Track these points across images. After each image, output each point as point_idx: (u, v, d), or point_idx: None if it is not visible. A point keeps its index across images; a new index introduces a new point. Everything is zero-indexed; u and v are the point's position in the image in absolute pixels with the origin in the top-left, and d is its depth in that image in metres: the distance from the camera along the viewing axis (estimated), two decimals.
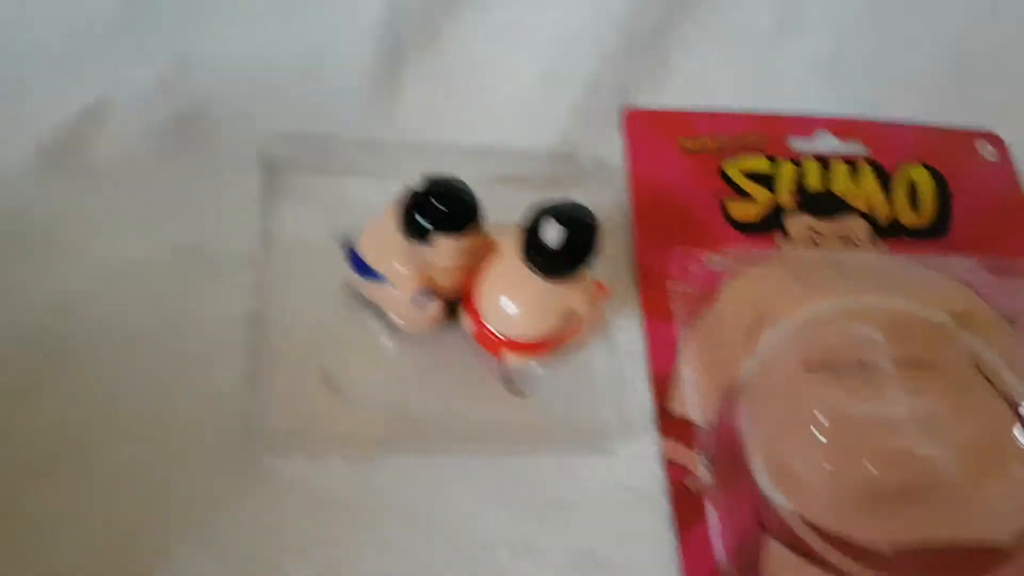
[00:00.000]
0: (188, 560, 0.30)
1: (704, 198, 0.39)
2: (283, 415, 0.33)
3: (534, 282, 0.33)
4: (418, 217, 0.32)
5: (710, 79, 0.41)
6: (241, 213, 0.37)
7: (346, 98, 0.40)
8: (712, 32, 0.41)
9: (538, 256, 0.32)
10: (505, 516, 0.32)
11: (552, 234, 0.32)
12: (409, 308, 0.34)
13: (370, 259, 0.34)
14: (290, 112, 0.39)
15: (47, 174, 0.36)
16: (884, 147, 0.41)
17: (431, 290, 0.34)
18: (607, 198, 0.40)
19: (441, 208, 0.32)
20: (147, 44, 0.38)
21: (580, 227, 0.32)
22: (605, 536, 0.32)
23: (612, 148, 0.41)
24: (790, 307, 0.36)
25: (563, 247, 0.32)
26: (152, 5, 0.39)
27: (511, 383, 0.35)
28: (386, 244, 0.34)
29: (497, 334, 0.34)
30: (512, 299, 0.33)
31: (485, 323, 0.34)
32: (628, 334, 0.36)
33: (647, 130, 0.40)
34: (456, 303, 0.35)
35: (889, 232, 0.40)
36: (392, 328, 0.35)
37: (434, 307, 0.34)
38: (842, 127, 0.41)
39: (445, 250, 0.33)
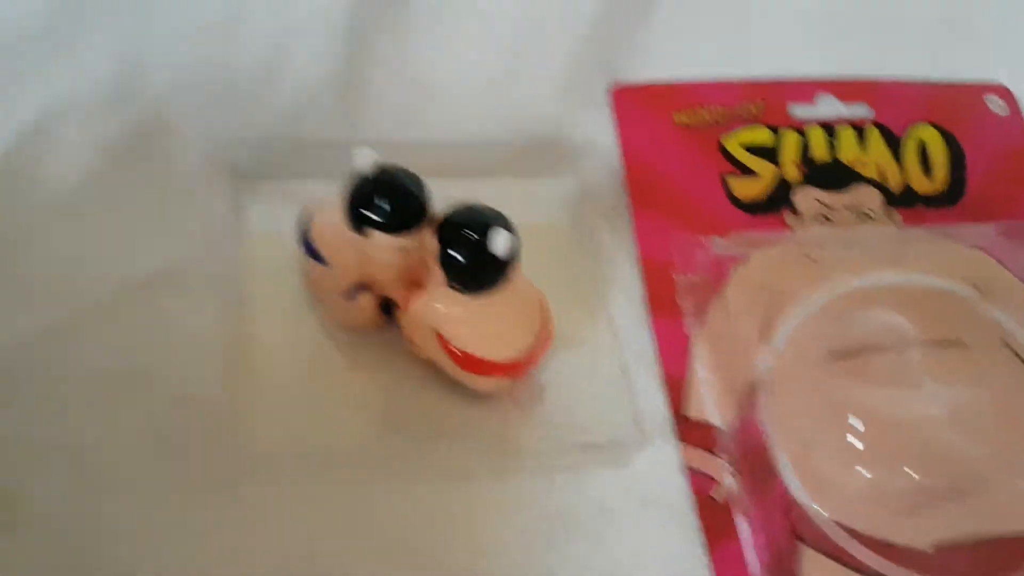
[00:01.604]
0: None
1: (705, 177, 0.37)
2: (265, 438, 0.30)
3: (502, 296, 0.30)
4: (359, 209, 0.29)
5: (699, 47, 0.38)
6: (209, 228, 0.33)
7: (309, 97, 0.36)
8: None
9: (476, 272, 0.29)
10: (517, 542, 0.30)
11: (502, 242, 0.28)
12: (341, 300, 0.31)
13: (316, 237, 0.32)
14: (251, 116, 0.35)
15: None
16: (890, 108, 0.38)
17: (365, 285, 0.31)
18: (600, 184, 0.37)
19: (383, 204, 0.29)
20: (84, 48, 0.34)
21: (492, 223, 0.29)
22: (630, 557, 0.30)
23: (600, 129, 0.38)
24: (805, 291, 0.34)
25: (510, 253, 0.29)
26: (87, 3, 0.35)
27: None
28: (335, 226, 0.31)
29: (476, 356, 0.30)
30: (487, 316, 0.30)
31: (450, 342, 0.30)
32: (635, 334, 0.33)
33: (637, 106, 0.37)
34: (391, 304, 0.32)
35: (903, 201, 0.37)
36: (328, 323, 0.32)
37: (368, 304, 0.31)
38: (845, 89, 0.38)
39: (385, 249, 0.30)
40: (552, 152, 0.37)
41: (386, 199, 0.29)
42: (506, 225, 0.29)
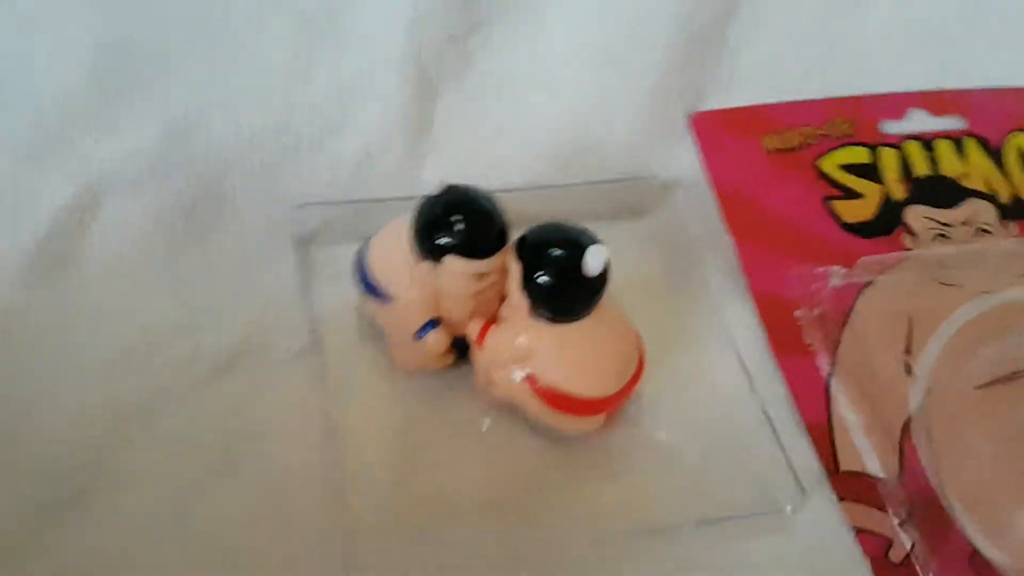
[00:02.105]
0: None
1: (807, 202, 0.33)
2: (371, 520, 0.26)
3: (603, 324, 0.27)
4: (431, 233, 0.26)
5: (778, 68, 0.36)
6: (278, 299, 0.30)
7: (374, 154, 0.32)
8: (773, 14, 0.36)
9: (567, 295, 0.26)
10: None
11: (597, 259, 0.25)
12: (410, 340, 0.28)
13: (376, 272, 0.28)
14: (312, 178, 0.32)
15: (37, 289, 0.29)
16: (985, 118, 0.36)
17: (435, 321, 0.28)
18: (693, 221, 0.34)
19: (458, 225, 0.26)
20: (131, 112, 0.30)
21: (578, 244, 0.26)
22: None
23: (684, 162, 0.35)
24: (941, 315, 0.31)
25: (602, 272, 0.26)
26: (130, 63, 0.31)
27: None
28: (396, 258, 0.28)
29: (568, 393, 0.27)
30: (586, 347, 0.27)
31: (537, 379, 0.27)
32: (762, 379, 0.30)
33: (722, 134, 0.34)
34: (464, 342, 0.28)
35: (1015, 212, 0.34)
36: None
37: (440, 342, 0.28)
38: (937, 102, 0.36)
39: (460, 277, 0.26)
40: (636, 191, 0.34)
41: (461, 219, 0.26)
42: (595, 241, 0.26)
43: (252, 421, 0.28)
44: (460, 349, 0.29)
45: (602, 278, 0.26)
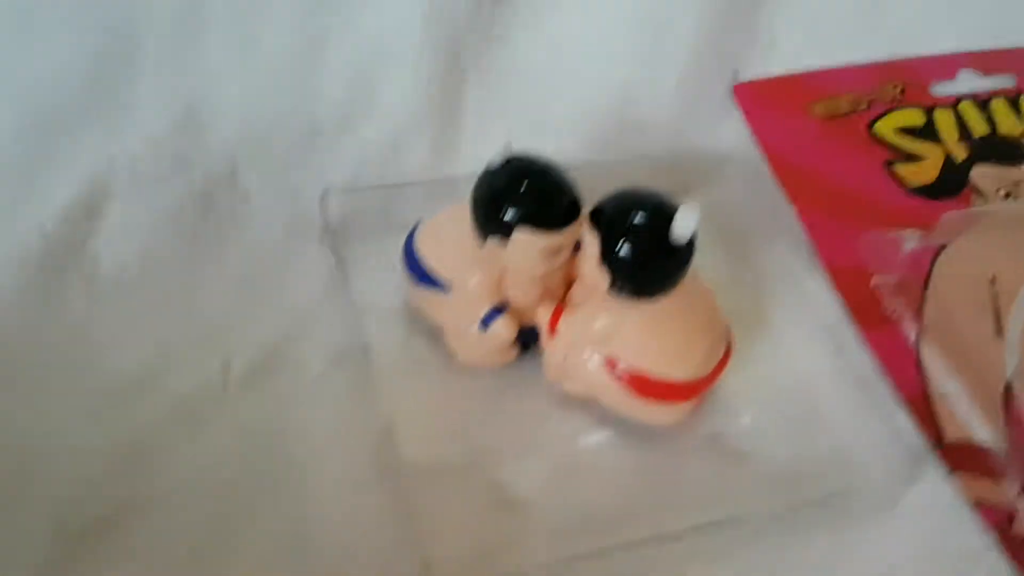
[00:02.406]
0: None
1: (867, 167, 0.31)
2: (447, 544, 0.23)
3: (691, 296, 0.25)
4: (496, 207, 0.24)
5: (820, 31, 0.34)
6: (310, 302, 0.27)
7: (400, 137, 0.30)
8: None
9: (654, 267, 0.24)
10: None
11: (688, 222, 0.23)
12: (473, 331, 0.25)
13: (430, 260, 0.26)
14: (335, 165, 0.29)
15: (46, 299, 0.26)
16: None
17: (505, 307, 0.25)
18: (749, 193, 0.32)
19: (527, 196, 0.24)
20: (138, 103, 0.28)
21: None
22: None
23: (730, 135, 0.33)
24: (1021, 275, 0.29)
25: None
26: (135, 50, 0.28)
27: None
28: (453, 243, 0.25)
29: (654, 377, 0.24)
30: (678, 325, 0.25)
31: (619, 363, 0.24)
32: (847, 353, 0.28)
33: (768, 103, 0.32)
34: (530, 332, 0.26)
35: None
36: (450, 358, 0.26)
37: (507, 330, 0.25)
38: (987, 61, 0.34)
39: (530, 254, 0.24)
40: (685, 167, 0.32)
41: (531, 188, 0.24)
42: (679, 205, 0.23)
43: (291, 437, 0.25)
44: (524, 342, 0.26)
45: (691, 246, 0.23)
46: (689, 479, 0.25)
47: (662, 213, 0.23)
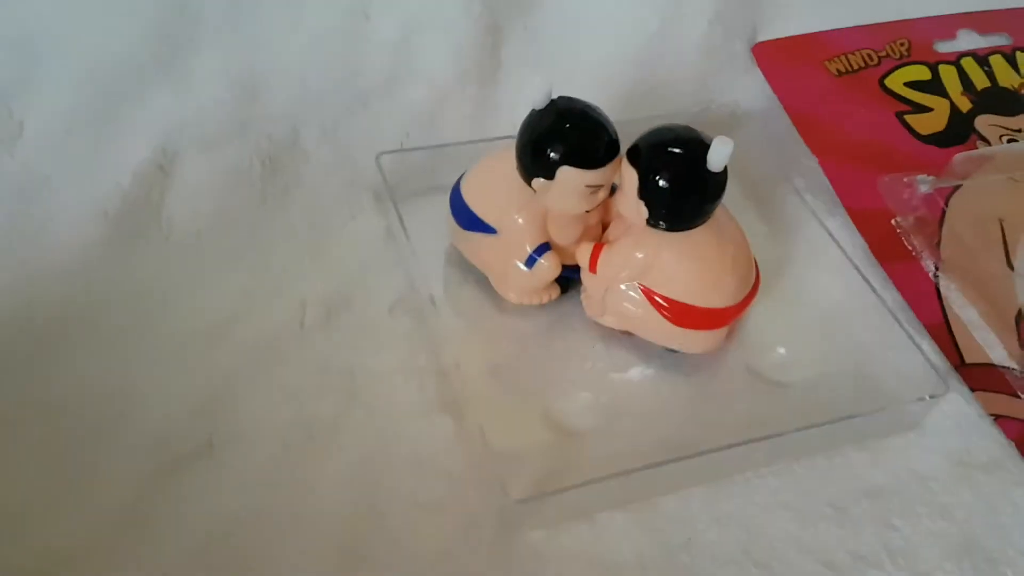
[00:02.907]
0: None
1: (881, 119, 0.34)
2: (522, 476, 0.24)
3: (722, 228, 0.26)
4: (543, 147, 0.25)
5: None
6: (371, 253, 0.29)
7: (442, 98, 0.32)
8: None
9: (691, 197, 0.25)
10: (842, 531, 0.24)
11: (723, 152, 0.24)
12: (520, 269, 0.27)
13: (477, 205, 0.27)
14: (383, 127, 0.31)
15: (127, 245, 0.27)
16: None
17: (548, 246, 0.27)
18: (774, 144, 0.34)
19: (571, 136, 0.25)
20: (198, 70, 0.29)
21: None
22: (979, 525, 0.25)
23: (750, 92, 0.35)
24: None
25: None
26: (191, 24, 0.30)
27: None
28: (498, 188, 0.27)
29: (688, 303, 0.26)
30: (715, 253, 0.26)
31: (657, 293, 0.26)
32: (871, 287, 0.29)
33: (786, 61, 0.35)
34: (570, 272, 0.28)
35: None
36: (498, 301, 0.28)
37: (552, 267, 0.27)
38: (984, 21, 0.37)
39: (574, 191, 0.25)
40: (705, 124, 0.34)
41: (574, 128, 0.25)
42: (709, 138, 0.25)
43: (360, 372, 0.26)
44: (563, 282, 0.28)
45: (724, 176, 0.25)
46: (728, 406, 0.27)
47: (696, 145, 0.24)
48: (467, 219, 0.28)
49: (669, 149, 0.25)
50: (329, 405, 0.25)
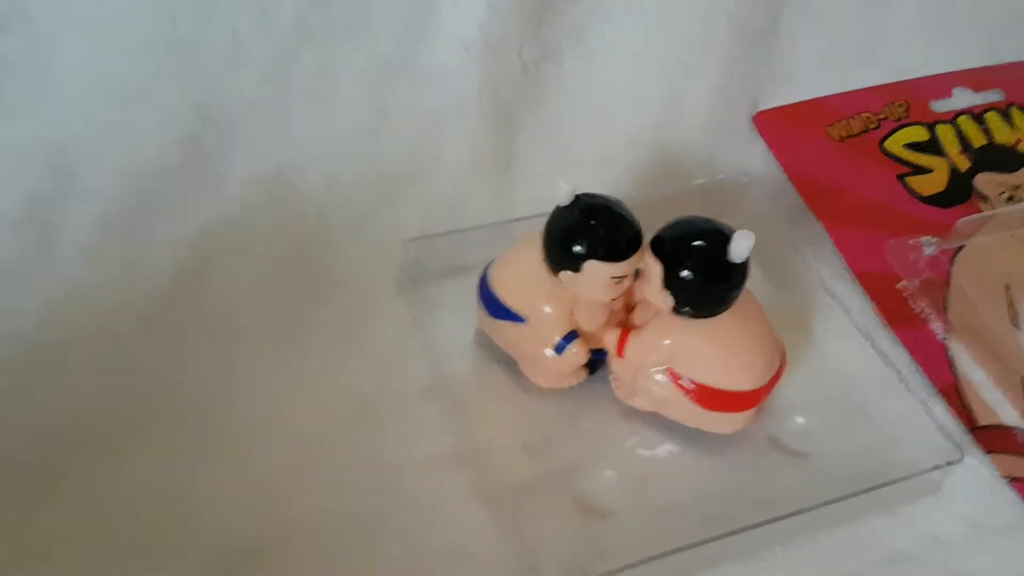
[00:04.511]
0: None
1: (882, 182, 0.35)
2: (555, 561, 0.25)
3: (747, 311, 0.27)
4: (569, 242, 0.26)
5: (829, 64, 0.37)
6: (399, 343, 0.30)
7: (462, 186, 0.33)
8: (819, 8, 0.37)
9: (713, 288, 0.26)
10: None
11: (744, 245, 0.25)
12: (549, 356, 0.28)
13: (505, 295, 0.28)
14: (406, 217, 0.32)
15: (163, 351, 0.29)
16: (1022, 88, 0.38)
17: (576, 334, 0.28)
18: (779, 212, 0.35)
19: (597, 231, 0.26)
20: (227, 173, 0.30)
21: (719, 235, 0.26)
22: None
23: (755, 159, 0.36)
24: None
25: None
26: (219, 126, 0.31)
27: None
28: (525, 278, 0.28)
29: (719, 388, 0.27)
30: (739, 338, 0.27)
31: (684, 377, 0.27)
32: (883, 352, 0.30)
33: (787, 129, 0.36)
34: (597, 355, 0.29)
35: None
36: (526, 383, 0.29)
37: (581, 353, 0.28)
38: (978, 78, 0.38)
39: (600, 284, 0.27)
40: (717, 193, 0.35)
41: (600, 224, 0.26)
42: (732, 228, 0.26)
43: (395, 463, 0.27)
44: (591, 364, 0.29)
45: (746, 265, 0.26)
46: (753, 479, 0.28)
47: (718, 238, 0.26)
48: (495, 308, 0.29)
49: (692, 243, 0.26)
50: (367, 499, 0.26)
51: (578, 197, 0.27)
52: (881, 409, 0.29)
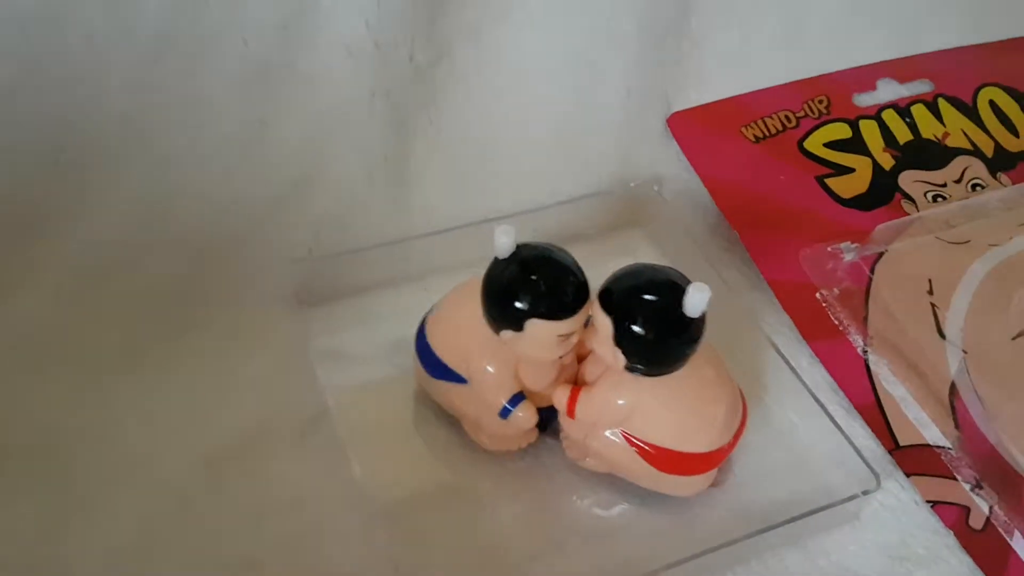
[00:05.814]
0: None
1: (800, 184, 0.33)
2: None
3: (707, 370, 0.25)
4: (511, 299, 0.23)
5: (745, 59, 0.35)
6: (291, 369, 0.27)
7: (352, 200, 0.31)
8: (729, 2, 0.35)
9: (667, 345, 0.23)
10: None
11: (700, 299, 0.22)
12: (496, 419, 0.25)
13: (443, 353, 0.26)
14: (294, 234, 0.30)
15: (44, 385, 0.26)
16: (952, 77, 0.36)
17: (523, 395, 0.25)
18: (694, 220, 0.33)
19: (539, 286, 0.23)
20: (98, 200, 0.28)
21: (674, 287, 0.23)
22: None
23: (669, 164, 0.34)
24: (955, 275, 0.30)
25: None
26: (89, 152, 0.28)
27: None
28: (464, 335, 0.25)
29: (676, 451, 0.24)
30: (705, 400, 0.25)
31: (638, 439, 0.24)
32: (802, 370, 0.29)
33: (702, 130, 0.34)
34: (547, 413, 0.26)
35: (1000, 163, 0.34)
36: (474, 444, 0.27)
37: (529, 417, 0.25)
38: (903, 69, 0.36)
39: (546, 342, 0.24)
40: (629, 199, 0.33)
41: (541, 279, 0.23)
42: (687, 279, 0.23)
43: (279, 512, 0.25)
44: (541, 423, 0.26)
45: (702, 319, 0.23)
46: (659, 514, 0.26)
47: (672, 290, 0.23)
48: (434, 366, 0.26)
49: (644, 295, 0.23)
50: (245, 547, 0.24)
51: (518, 248, 0.23)
52: (796, 430, 0.28)
